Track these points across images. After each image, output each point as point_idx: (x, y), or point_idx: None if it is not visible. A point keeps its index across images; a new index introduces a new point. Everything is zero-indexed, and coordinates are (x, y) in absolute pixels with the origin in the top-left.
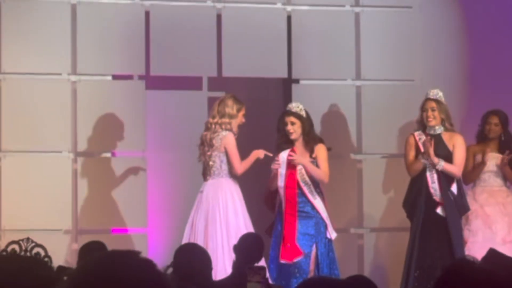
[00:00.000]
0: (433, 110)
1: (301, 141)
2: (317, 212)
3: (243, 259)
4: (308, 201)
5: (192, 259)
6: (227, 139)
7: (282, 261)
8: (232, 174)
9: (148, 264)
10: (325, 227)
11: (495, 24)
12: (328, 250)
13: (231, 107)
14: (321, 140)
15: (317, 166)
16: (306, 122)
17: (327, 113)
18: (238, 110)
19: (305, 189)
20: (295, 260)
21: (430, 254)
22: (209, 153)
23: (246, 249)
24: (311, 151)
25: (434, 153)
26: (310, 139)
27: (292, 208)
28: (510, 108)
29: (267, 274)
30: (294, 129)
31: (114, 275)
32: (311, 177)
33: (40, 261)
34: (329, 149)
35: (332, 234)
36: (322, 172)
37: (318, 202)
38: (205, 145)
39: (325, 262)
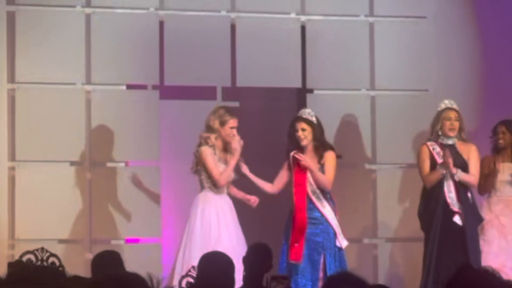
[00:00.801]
0: (456, 120)
1: (311, 148)
2: (326, 219)
3: (254, 270)
4: (317, 209)
5: (215, 268)
6: (200, 154)
7: (292, 261)
8: (217, 188)
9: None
10: (335, 235)
11: (509, 34)
12: (337, 259)
13: (213, 120)
14: (331, 147)
15: (323, 172)
16: (317, 129)
17: (341, 123)
18: (222, 124)
19: (313, 198)
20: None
21: (446, 263)
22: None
23: (255, 260)
24: (320, 157)
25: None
26: (320, 145)
27: (301, 203)
28: None
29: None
30: (305, 135)
31: None
32: (319, 186)
33: (57, 271)
34: (339, 157)
35: (342, 242)
36: (326, 179)
37: (327, 210)
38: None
39: (332, 270)
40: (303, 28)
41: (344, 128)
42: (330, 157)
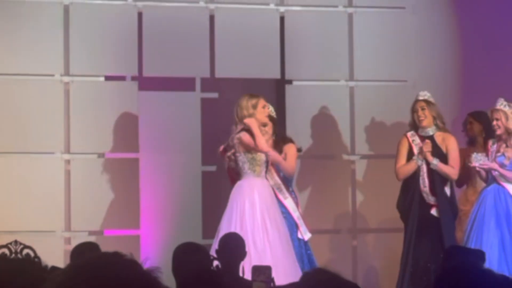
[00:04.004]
0: (423, 109)
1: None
2: (288, 211)
3: (229, 260)
4: (280, 201)
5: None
6: (240, 138)
7: None
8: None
9: (134, 265)
10: (297, 227)
11: (488, 24)
12: (301, 250)
13: (241, 110)
14: (291, 140)
15: None
16: (276, 123)
17: (320, 114)
18: (255, 107)
19: (276, 191)
20: None
21: (423, 254)
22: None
23: (229, 250)
24: (280, 151)
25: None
26: (280, 140)
27: None
28: None
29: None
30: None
31: (99, 275)
32: (281, 176)
33: (33, 262)
34: (299, 150)
35: (304, 235)
36: (288, 164)
37: (288, 202)
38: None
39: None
40: (282, 19)
41: (323, 119)
42: (291, 149)
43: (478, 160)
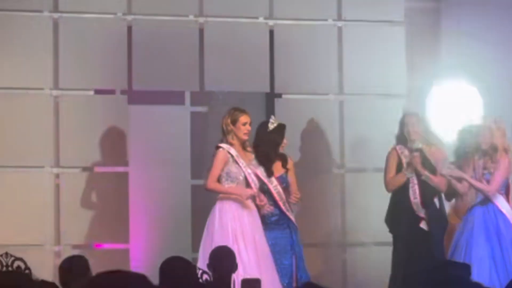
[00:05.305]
0: (413, 124)
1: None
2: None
3: (221, 273)
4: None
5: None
6: (213, 155)
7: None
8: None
9: (142, 278)
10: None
11: (476, 38)
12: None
13: (225, 122)
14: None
15: None
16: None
17: (309, 128)
18: (234, 122)
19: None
20: None
21: (413, 268)
22: None
23: (220, 263)
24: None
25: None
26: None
27: None
28: None
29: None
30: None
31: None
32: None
33: (24, 275)
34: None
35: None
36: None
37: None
38: None
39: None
40: (271, 33)
41: (312, 132)
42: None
43: (448, 168)
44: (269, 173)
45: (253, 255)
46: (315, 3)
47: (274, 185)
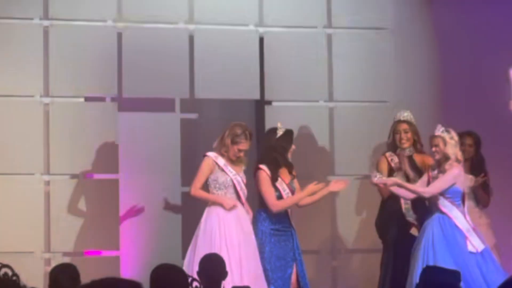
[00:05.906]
0: (406, 132)
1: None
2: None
3: (211, 280)
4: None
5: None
6: (202, 161)
7: None
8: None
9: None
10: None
11: (466, 45)
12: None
13: (227, 135)
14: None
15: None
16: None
17: (299, 135)
18: (233, 142)
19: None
20: None
21: (401, 275)
22: None
23: (211, 270)
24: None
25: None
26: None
27: None
28: (482, 129)
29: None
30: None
31: None
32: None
33: (11, 281)
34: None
35: None
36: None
37: None
38: None
39: None
40: (261, 40)
41: (302, 139)
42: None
43: (377, 177)
44: (275, 179)
45: (234, 261)
46: (304, 10)
47: (286, 193)
